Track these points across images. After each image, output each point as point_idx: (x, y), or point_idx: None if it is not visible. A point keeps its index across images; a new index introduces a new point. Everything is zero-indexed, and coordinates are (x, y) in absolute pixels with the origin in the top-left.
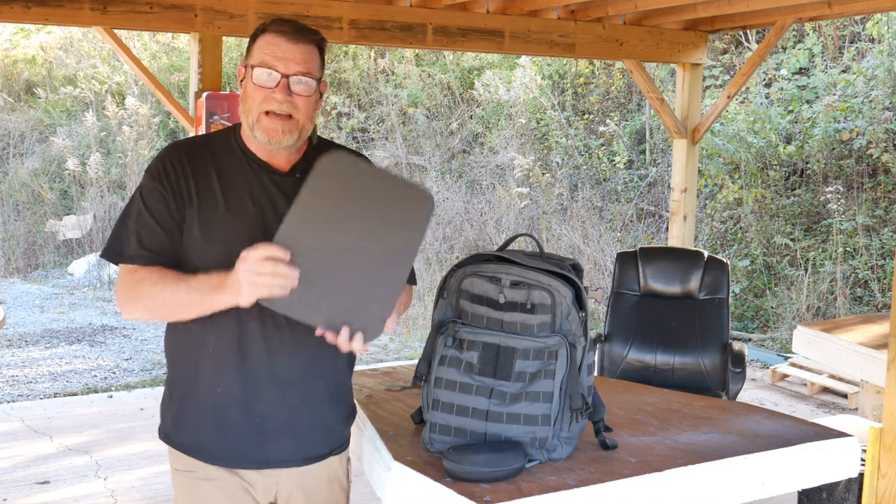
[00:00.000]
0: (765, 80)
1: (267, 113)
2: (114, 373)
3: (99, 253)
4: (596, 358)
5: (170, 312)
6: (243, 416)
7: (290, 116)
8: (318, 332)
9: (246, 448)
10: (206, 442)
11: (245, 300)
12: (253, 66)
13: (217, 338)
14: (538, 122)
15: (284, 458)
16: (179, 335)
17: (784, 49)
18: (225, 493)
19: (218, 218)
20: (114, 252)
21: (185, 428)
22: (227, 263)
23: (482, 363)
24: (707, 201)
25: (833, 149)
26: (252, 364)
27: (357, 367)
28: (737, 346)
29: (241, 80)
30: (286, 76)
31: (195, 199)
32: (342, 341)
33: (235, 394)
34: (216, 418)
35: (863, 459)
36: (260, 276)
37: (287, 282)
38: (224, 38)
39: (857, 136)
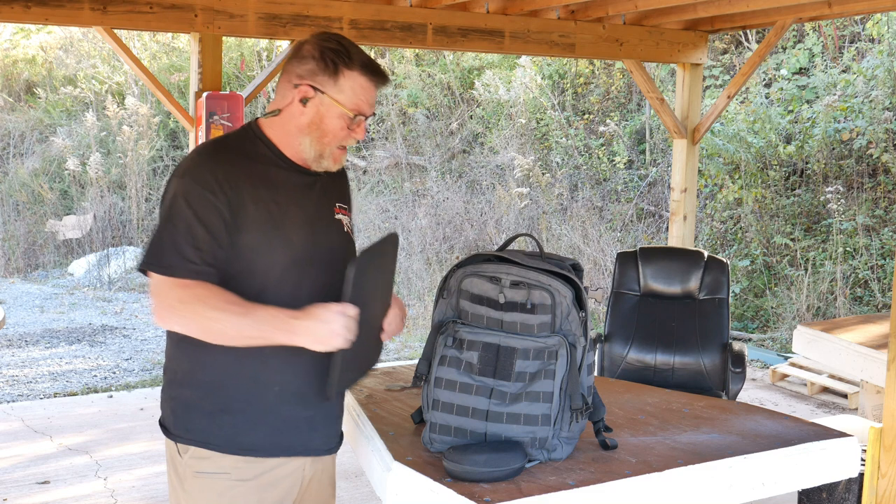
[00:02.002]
0: (765, 80)
1: (342, 147)
2: (114, 373)
3: (137, 265)
4: (596, 358)
5: (222, 339)
6: (300, 410)
7: None
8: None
9: (299, 438)
10: (262, 438)
11: (319, 348)
12: (345, 106)
13: None
14: (538, 122)
15: (328, 445)
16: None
17: (784, 49)
18: (257, 495)
19: (275, 221)
20: (159, 264)
21: (234, 428)
22: (291, 265)
23: (482, 363)
24: (707, 201)
25: (833, 149)
26: (304, 359)
27: None
28: (737, 346)
29: (305, 99)
30: (366, 117)
31: (250, 205)
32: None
33: (293, 390)
34: (274, 415)
35: (863, 459)
36: (339, 333)
37: (352, 337)
38: (224, 38)
39: (857, 136)
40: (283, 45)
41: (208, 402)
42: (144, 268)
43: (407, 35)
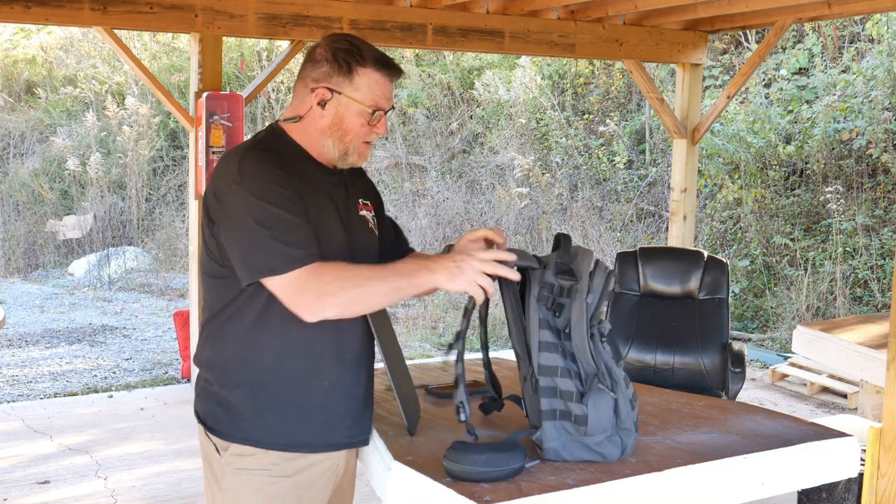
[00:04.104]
0: (764, 80)
1: (366, 142)
2: (114, 373)
3: (246, 279)
4: None
5: (375, 301)
6: (345, 403)
7: None
8: None
9: (344, 431)
10: (310, 433)
11: (453, 286)
12: (363, 103)
13: (321, 335)
14: (538, 122)
15: (364, 435)
16: (275, 339)
17: (784, 49)
18: (296, 492)
19: (322, 220)
20: (275, 269)
21: (284, 425)
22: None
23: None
24: (707, 201)
25: (833, 149)
26: (349, 354)
27: None
28: (736, 346)
29: (323, 101)
30: (386, 111)
31: (302, 201)
32: None
33: (340, 384)
34: (323, 409)
35: (862, 459)
36: (473, 271)
37: (483, 282)
38: (224, 38)
39: (857, 136)
40: (283, 45)
41: (259, 399)
42: (260, 277)
43: (407, 35)
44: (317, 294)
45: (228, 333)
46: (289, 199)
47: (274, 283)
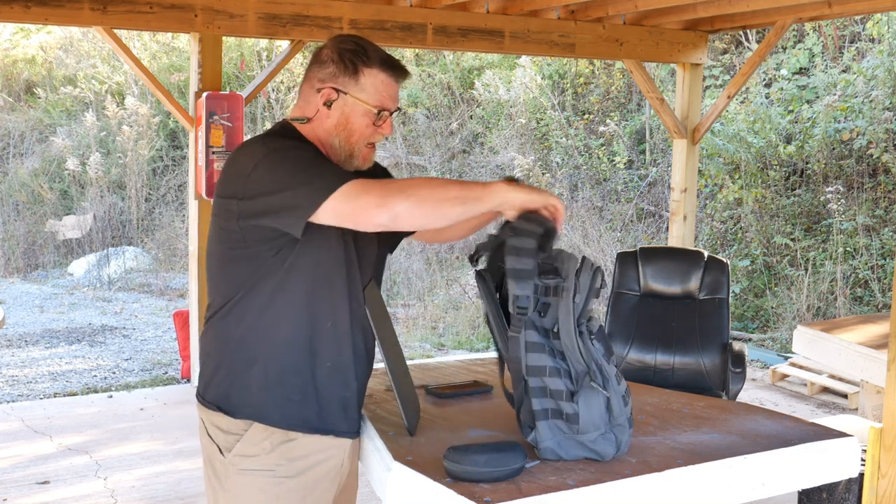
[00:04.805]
0: (765, 80)
1: (370, 144)
2: (113, 373)
3: (301, 219)
4: None
5: (442, 206)
6: (342, 389)
7: None
8: None
9: (337, 418)
10: (309, 415)
11: (508, 201)
12: (369, 103)
13: (333, 312)
14: (538, 122)
15: (354, 427)
16: (290, 312)
17: (784, 49)
18: (299, 493)
19: None
20: (328, 188)
21: (287, 402)
22: (340, 262)
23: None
24: (707, 201)
25: (833, 149)
26: (355, 338)
27: None
28: (737, 346)
29: (329, 102)
30: (391, 112)
31: None
32: None
33: (341, 368)
34: (320, 392)
35: (863, 459)
36: (527, 199)
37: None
38: (224, 38)
39: (858, 136)
40: (283, 45)
41: (269, 372)
42: (312, 211)
43: (407, 35)
44: (379, 193)
45: (243, 310)
46: (313, 151)
47: (328, 208)
